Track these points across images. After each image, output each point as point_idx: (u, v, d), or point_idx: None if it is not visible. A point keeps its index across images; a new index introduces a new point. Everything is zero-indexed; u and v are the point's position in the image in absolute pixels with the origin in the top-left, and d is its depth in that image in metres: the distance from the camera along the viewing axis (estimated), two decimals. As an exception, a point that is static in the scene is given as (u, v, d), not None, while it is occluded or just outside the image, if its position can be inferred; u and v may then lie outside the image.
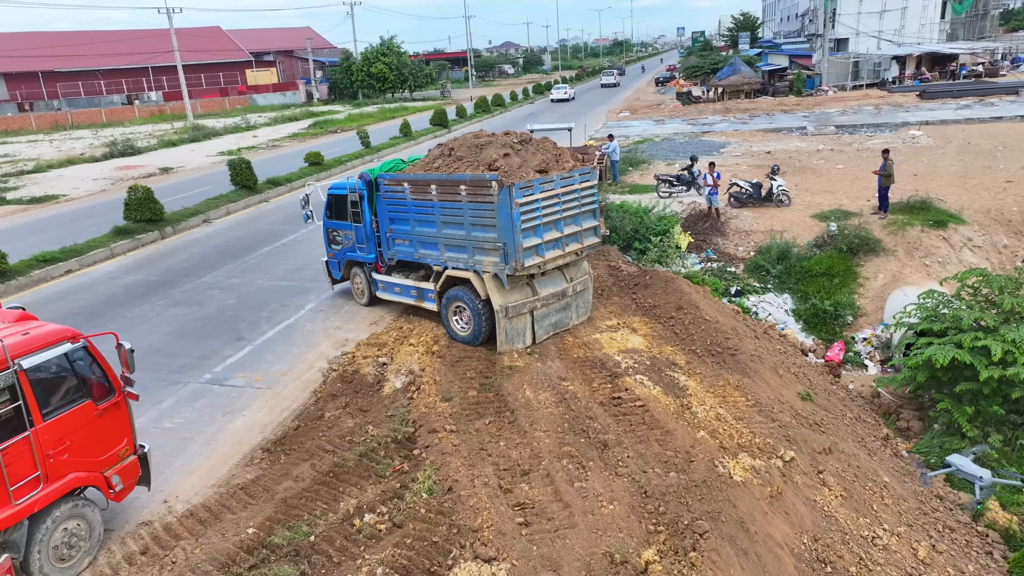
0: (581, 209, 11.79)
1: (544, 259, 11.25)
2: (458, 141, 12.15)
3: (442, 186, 11.48)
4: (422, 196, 11.94)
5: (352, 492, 8.30)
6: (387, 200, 12.78)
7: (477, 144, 11.62)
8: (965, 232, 17.45)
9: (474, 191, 10.92)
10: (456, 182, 11.19)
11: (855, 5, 59.01)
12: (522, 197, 10.57)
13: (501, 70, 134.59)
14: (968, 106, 38.53)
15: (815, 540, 7.97)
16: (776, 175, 20.46)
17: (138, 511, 8.27)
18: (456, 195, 11.24)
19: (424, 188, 11.83)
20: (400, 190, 12.36)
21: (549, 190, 11.08)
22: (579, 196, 11.68)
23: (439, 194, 11.56)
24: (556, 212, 11.29)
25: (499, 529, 7.32)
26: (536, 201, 10.84)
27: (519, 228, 10.65)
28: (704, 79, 61.57)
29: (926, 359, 11.46)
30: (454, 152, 11.86)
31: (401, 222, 12.68)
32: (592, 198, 12.01)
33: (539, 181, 10.88)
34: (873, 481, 9.45)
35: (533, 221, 10.91)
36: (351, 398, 10.60)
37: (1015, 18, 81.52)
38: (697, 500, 7.71)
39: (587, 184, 11.81)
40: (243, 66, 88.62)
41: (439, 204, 11.65)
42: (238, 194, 25.38)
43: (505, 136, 11.72)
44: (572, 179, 11.49)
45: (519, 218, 10.59)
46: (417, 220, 12.30)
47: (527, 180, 10.69)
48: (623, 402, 9.85)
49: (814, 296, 15.98)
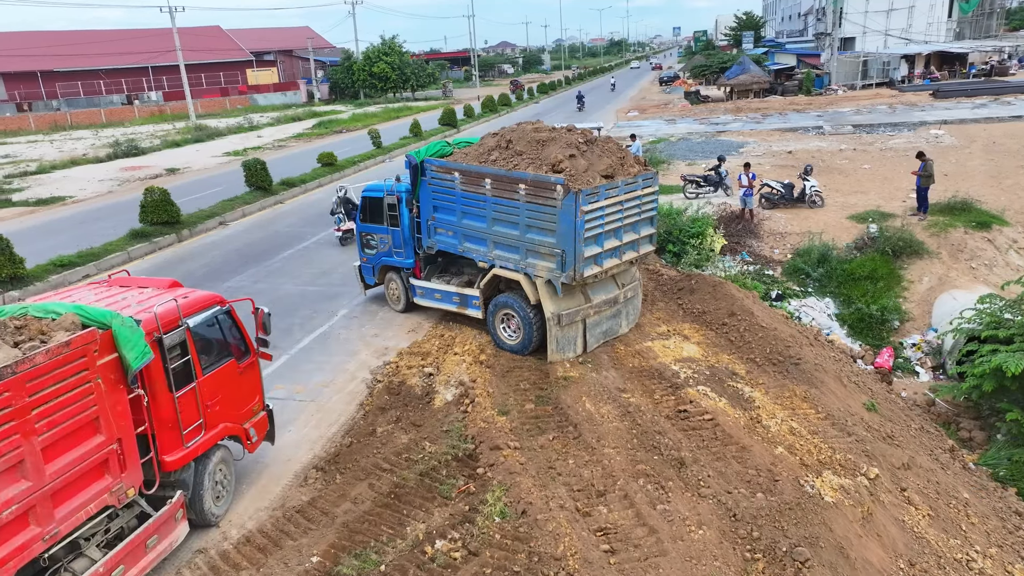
0: (640, 216, 11.21)
1: (603, 268, 10.70)
2: (515, 133, 11.44)
3: (499, 181, 10.79)
4: (474, 188, 11.24)
5: (418, 515, 7.80)
6: (433, 187, 12.04)
7: (538, 139, 10.92)
8: (1009, 234, 17.04)
9: (535, 192, 10.29)
10: (516, 180, 10.53)
11: (862, 4, 58.80)
12: (588, 204, 9.97)
13: (501, 70, 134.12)
14: (984, 105, 38.22)
15: (911, 565, 7.52)
16: (809, 175, 20.03)
17: (190, 537, 7.75)
18: (514, 193, 10.60)
19: (477, 180, 11.12)
20: (449, 179, 11.63)
21: (614, 196, 10.49)
22: (640, 203, 11.09)
23: (494, 189, 10.89)
24: (618, 220, 10.71)
25: (585, 558, 6.84)
26: (601, 209, 10.25)
27: (582, 237, 10.07)
28: (711, 78, 61.19)
29: (995, 367, 11.02)
30: (512, 145, 11.15)
31: (446, 212, 11.98)
32: (652, 205, 11.41)
33: (605, 187, 10.28)
34: (955, 498, 9.01)
35: (596, 230, 10.31)
36: (401, 411, 10.10)
37: (1015, 17, 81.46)
38: (792, 524, 7.24)
39: (649, 190, 11.21)
40: (243, 66, 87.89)
41: (493, 200, 10.98)
42: (253, 195, 24.83)
43: (568, 134, 11.10)
44: (636, 185, 10.89)
45: (583, 226, 10.00)
46: (465, 212, 11.61)
47: (593, 186, 10.10)
48: (690, 415, 9.38)
49: (858, 300, 15.53)
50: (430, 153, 12.25)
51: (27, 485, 5.56)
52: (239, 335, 8.19)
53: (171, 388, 7.01)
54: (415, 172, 12.23)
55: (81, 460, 6.02)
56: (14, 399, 5.39)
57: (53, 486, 5.77)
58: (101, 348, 6.19)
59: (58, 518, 5.84)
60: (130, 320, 6.58)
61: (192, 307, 7.46)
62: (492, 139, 11.80)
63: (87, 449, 6.08)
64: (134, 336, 6.44)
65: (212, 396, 7.62)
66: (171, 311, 7.15)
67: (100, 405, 6.17)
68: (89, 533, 6.33)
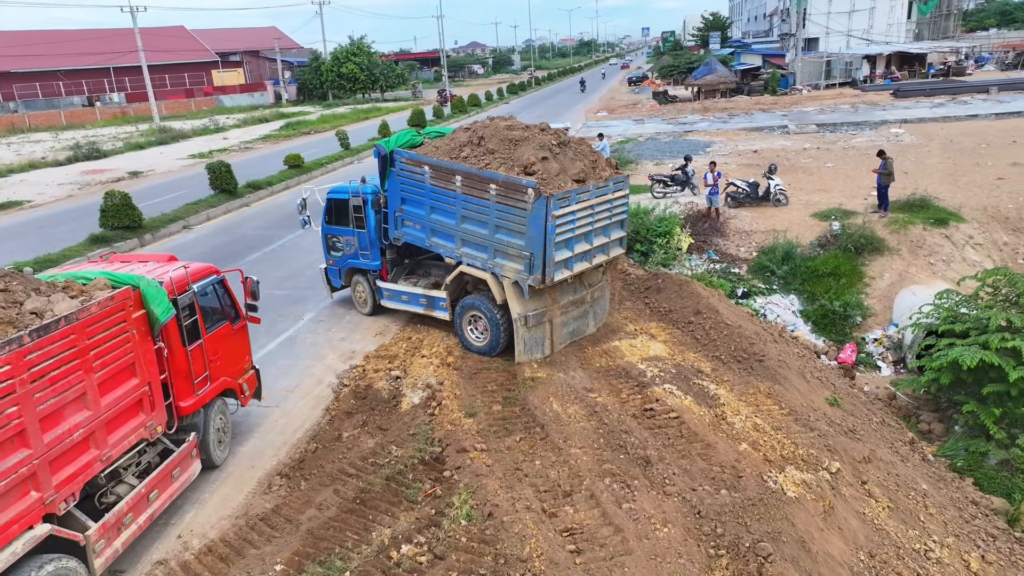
0: (611, 220, 11.18)
1: (573, 272, 10.66)
2: (488, 129, 11.29)
3: (470, 179, 10.66)
4: (444, 184, 11.09)
5: (384, 520, 7.74)
6: (402, 179, 11.85)
7: (511, 138, 10.80)
8: (966, 230, 17.46)
9: (506, 193, 10.20)
10: (487, 179, 10.41)
11: (825, 5, 59.83)
12: (559, 209, 9.92)
13: (471, 70, 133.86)
14: (942, 104, 39.14)
15: (871, 556, 7.65)
16: (773, 174, 20.30)
17: (148, 548, 7.60)
18: (484, 193, 10.48)
19: (448, 177, 10.98)
20: (419, 172, 11.44)
21: (585, 201, 10.45)
22: (611, 206, 11.07)
23: (464, 187, 10.75)
24: (589, 224, 10.67)
25: (551, 559, 6.84)
26: (572, 213, 10.21)
27: (553, 241, 10.02)
28: (679, 78, 61.78)
29: (951, 360, 11.27)
30: (484, 142, 11.00)
31: (415, 204, 11.80)
32: (622, 208, 11.39)
33: (576, 192, 10.25)
34: (914, 489, 9.19)
35: (567, 234, 10.26)
36: (368, 415, 10.01)
37: (971, 19, 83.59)
38: (755, 520, 7.33)
39: (620, 194, 11.19)
40: (209, 66, 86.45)
41: (463, 197, 10.85)
42: (218, 198, 24.43)
43: (542, 134, 10.98)
44: (607, 189, 10.87)
45: (554, 231, 9.96)
46: (434, 207, 11.47)
47: (565, 190, 10.06)
48: (656, 414, 9.45)
49: (821, 297, 15.80)
50: (400, 143, 12.06)
51: (89, 414, 6.68)
52: (231, 301, 9.38)
53: (184, 343, 8.17)
54: (384, 162, 12.02)
55: (124, 398, 7.16)
56: (78, 340, 6.51)
57: (106, 416, 6.90)
58: (134, 304, 7.33)
59: (110, 444, 6.99)
60: (154, 281, 7.71)
61: (197, 275, 8.67)
62: (464, 134, 11.64)
63: (127, 389, 7.22)
64: (159, 294, 7.61)
65: (214, 353, 8.76)
66: (182, 277, 8.33)
67: (135, 352, 7.31)
68: (127, 464, 7.47)
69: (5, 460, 5.74)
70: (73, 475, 6.46)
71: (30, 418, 5.95)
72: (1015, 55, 57.70)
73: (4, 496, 5.73)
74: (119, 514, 6.93)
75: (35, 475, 6.03)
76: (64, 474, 6.37)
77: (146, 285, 7.52)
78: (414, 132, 12.64)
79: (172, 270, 8.34)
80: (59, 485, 6.29)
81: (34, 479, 6.03)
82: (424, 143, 12.28)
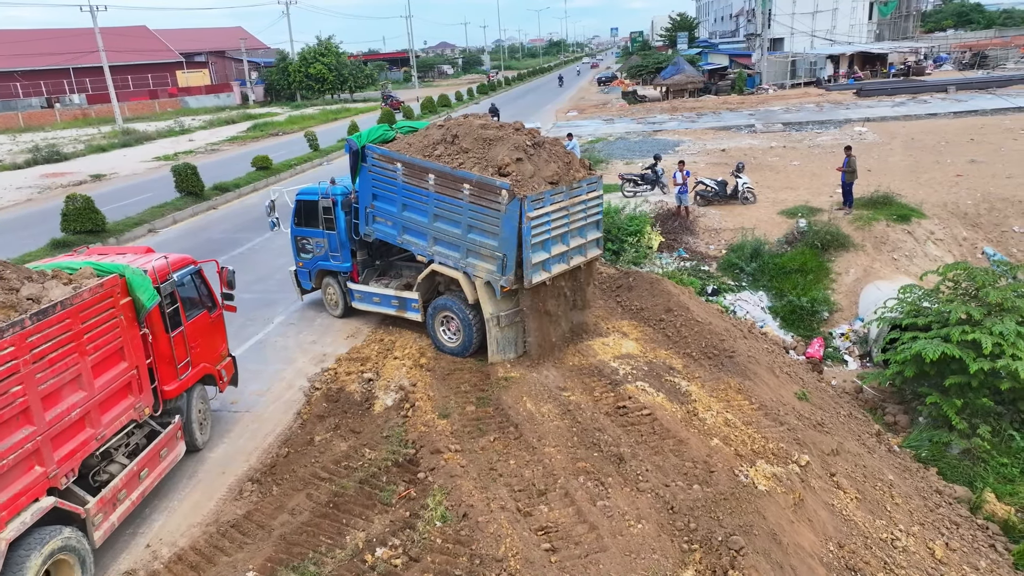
0: (586, 221, 11.19)
1: (551, 274, 10.65)
2: (463, 128, 11.20)
3: (443, 178, 10.57)
4: (417, 182, 10.98)
5: (358, 524, 7.68)
6: (373, 175, 11.70)
7: (485, 137, 10.73)
8: (927, 226, 17.87)
9: (480, 194, 10.16)
10: (460, 179, 10.34)
11: (789, 6, 60.82)
12: (533, 211, 9.92)
13: (440, 70, 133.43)
14: (903, 103, 40.02)
15: (840, 547, 7.79)
16: (741, 173, 20.57)
17: (116, 558, 7.45)
18: (458, 192, 10.42)
19: (421, 175, 10.88)
20: (391, 168, 11.31)
21: (559, 202, 10.46)
22: (585, 207, 11.08)
23: (437, 185, 10.67)
24: (564, 225, 10.67)
25: (526, 558, 6.85)
26: (547, 214, 10.21)
27: (530, 244, 10.01)
28: (648, 78, 62.30)
29: (915, 353, 11.53)
30: (458, 141, 10.91)
31: (387, 201, 11.67)
32: (597, 209, 11.41)
33: (550, 193, 10.27)
34: (880, 480, 9.39)
35: (543, 235, 10.26)
36: (340, 418, 9.93)
37: (929, 20, 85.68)
38: (727, 514, 7.42)
39: (594, 195, 11.21)
40: (173, 67, 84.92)
41: (436, 196, 10.76)
42: (184, 201, 24.02)
43: (516, 134, 10.94)
44: (580, 190, 10.90)
45: (530, 233, 9.95)
46: (406, 205, 11.36)
47: (539, 192, 10.06)
48: (629, 411, 9.51)
49: (789, 293, 16.04)
50: (372, 138, 11.93)
51: (84, 394, 7.04)
52: (208, 291, 9.75)
53: (167, 330, 8.52)
54: (355, 157, 11.88)
55: (114, 380, 7.51)
56: (73, 325, 6.86)
57: (99, 397, 7.24)
58: (121, 291, 7.67)
59: (104, 423, 7.33)
60: (139, 270, 8.04)
61: (176, 265, 9.01)
62: (438, 131, 11.53)
63: (117, 372, 7.57)
64: (145, 282, 7.97)
65: (194, 340, 9.09)
66: (164, 267, 8.68)
67: (123, 338, 7.66)
68: (118, 445, 7.81)
69: (12, 436, 6.15)
70: (72, 452, 6.86)
71: (33, 397, 6.34)
72: (972, 55, 59.24)
73: (12, 469, 6.11)
74: (115, 490, 7.33)
75: (39, 451, 6.41)
76: (64, 451, 6.75)
77: (131, 273, 7.89)
78: (386, 127, 12.52)
79: (153, 260, 8.69)
80: (60, 461, 6.66)
81: (38, 455, 6.42)
82: (396, 138, 12.17)
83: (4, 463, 5.99)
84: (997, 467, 10.69)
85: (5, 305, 6.42)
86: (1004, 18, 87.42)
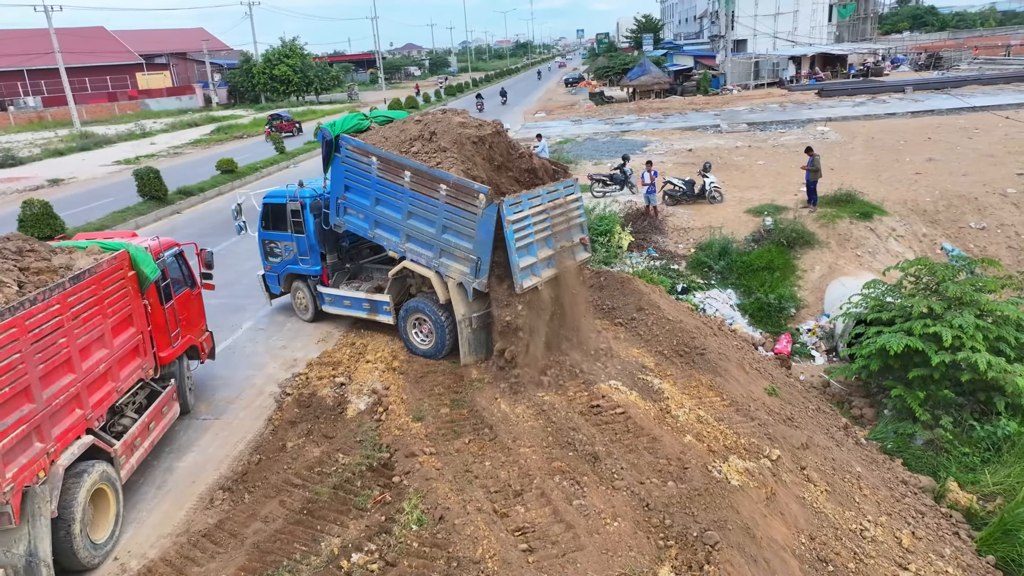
0: (569, 224, 11.17)
1: (541, 279, 10.56)
2: (441, 124, 11.01)
3: (420, 176, 10.39)
4: (392, 178, 10.78)
5: (332, 530, 7.59)
6: (347, 166, 11.44)
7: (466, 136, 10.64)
8: (889, 223, 18.30)
9: (457, 195, 10.04)
10: (437, 179, 10.19)
11: (752, 7, 61.77)
12: (513, 214, 9.88)
13: (407, 72, 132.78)
14: (863, 103, 40.94)
15: (812, 539, 7.93)
16: (708, 172, 20.84)
17: (83, 572, 7.24)
18: (434, 192, 10.27)
19: (397, 171, 10.66)
20: (366, 162, 11.08)
21: (537, 205, 10.43)
22: (566, 210, 11.06)
23: (413, 183, 10.49)
24: (547, 228, 10.63)
25: (503, 559, 6.83)
26: (527, 217, 10.18)
27: (514, 248, 9.93)
28: (614, 79, 62.77)
29: (880, 347, 11.80)
30: (436, 139, 10.71)
31: (360, 194, 11.44)
32: (578, 211, 11.40)
33: (527, 196, 10.25)
34: (849, 472, 9.58)
35: (526, 239, 10.20)
36: (313, 424, 9.80)
37: (886, 22, 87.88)
38: (702, 509, 7.49)
39: (572, 197, 11.20)
40: (133, 69, 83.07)
41: (411, 193, 10.58)
42: (147, 206, 23.53)
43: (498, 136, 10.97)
44: (557, 192, 10.88)
45: (512, 236, 9.89)
46: (379, 199, 11.14)
47: (516, 195, 10.04)
48: (603, 410, 9.54)
49: (757, 290, 16.31)
50: (346, 128, 11.67)
51: (107, 351, 8.05)
52: (189, 271, 10.68)
53: (162, 302, 9.51)
54: (328, 147, 11.59)
55: (127, 342, 8.57)
56: (97, 290, 7.92)
57: (117, 355, 8.27)
58: (127, 265, 8.66)
59: (121, 378, 8.39)
60: (141, 247, 9.02)
61: (165, 246, 9.98)
62: (415, 126, 11.29)
63: (128, 335, 8.62)
64: (147, 257, 8.95)
65: (181, 313, 10.03)
66: (156, 246, 9.69)
67: (131, 306, 8.70)
68: (126, 403, 8.73)
69: (60, 380, 7.18)
70: (100, 400, 7.92)
71: (73, 349, 7.36)
72: (927, 57, 60.90)
73: (62, 409, 7.15)
74: (132, 436, 8.31)
75: (79, 396, 7.45)
76: (95, 398, 7.80)
77: (135, 250, 8.84)
78: (361, 116, 12.27)
79: (147, 241, 9.67)
80: (94, 406, 7.74)
81: (78, 399, 7.45)
82: (371, 128, 11.95)
83: (56, 403, 7.03)
84: (959, 457, 10.97)
85: (46, 270, 7.62)
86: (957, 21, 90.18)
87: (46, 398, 6.90)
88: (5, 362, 6.36)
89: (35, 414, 6.72)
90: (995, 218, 19.11)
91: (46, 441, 6.86)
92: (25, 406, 6.63)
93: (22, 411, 6.57)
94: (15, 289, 6.96)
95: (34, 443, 6.73)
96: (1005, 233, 18.64)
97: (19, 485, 6.40)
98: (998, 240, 18.45)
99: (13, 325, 6.47)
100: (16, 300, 6.69)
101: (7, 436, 6.34)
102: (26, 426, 6.59)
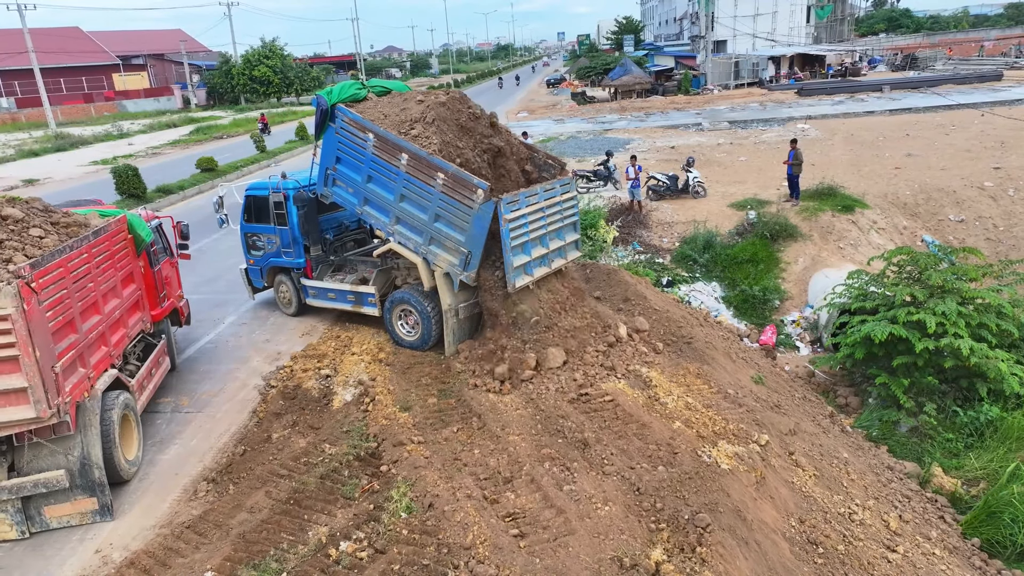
0: (563, 222, 11.11)
1: (534, 278, 10.49)
2: (443, 109, 10.79)
3: (417, 161, 10.13)
4: (387, 158, 10.48)
5: (320, 519, 7.47)
6: (340, 137, 11.09)
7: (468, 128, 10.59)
8: (870, 216, 18.48)
9: (454, 187, 9.87)
10: (436, 167, 9.97)
11: (731, 8, 62.30)
12: (510, 212, 9.78)
13: (388, 73, 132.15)
14: (842, 102, 41.42)
15: (801, 522, 7.95)
16: (691, 167, 20.93)
17: (63, 565, 7.07)
18: (431, 179, 10.06)
19: (394, 152, 10.37)
20: (362, 137, 10.76)
21: (533, 204, 10.34)
22: (561, 208, 11.00)
23: (409, 167, 10.23)
24: (542, 227, 10.54)
25: (494, 544, 6.76)
26: (523, 216, 10.09)
27: (509, 246, 9.85)
28: (596, 80, 62.97)
29: (864, 336, 11.88)
30: (436, 125, 10.53)
31: (351, 168, 11.12)
32: (573, 210, 11.34)
33: (524, 194, 10.18)
34: (836, 458, 9.63)
35: (522, 238, 10.11)
36: (298, 415, 9.67)
37: (863, 24, 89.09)
38: (693, 493, 7.47)
39: (567, 196, 11.14)
40: (109, 70, 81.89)
41: (405, 175, 10.32)
42: (125, 204, 23.08)
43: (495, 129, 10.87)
44: (554, 191, 10.82)
45: (508, 235, 9.80)
46: (372, 177, 10.85)
47: (513, 193, 9.96)
48: (591, 398, 9.51)
49: (742, 282, 16.38)
50: (343, 97, 11.34)
51: (119, 301, 9.07)
52: (167, 243, 11.63)
53: (152, 265, 10.47)
54: (323, 116, 11.23)
55: (130, 296, 9.53)
56: (109, 247, 8.93)
57: (126, 305, 9.29)
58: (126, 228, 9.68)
59: (130, 326, 9.41)
60: (136, 214, 10.17)
61: (149, 217, 11.07)
62: (417, 107, 10.99)
63: (132, 290, 9.63)
64: (142, 223, 9.97)
65: (165, 278, 10.97)
66: (147, 215, 11.01)
67: (131, 265, 9.67)
68: (129, 352, 9.64)
69: (91, 319, 8.26)
70: (117, 342, 8.91)
71: (98, 293, 8.43)
72: (903, 57, 61.75)
73: (94, 343, 8.26)
74: (141, 378, 9.35)
75: (104, 335, 8.51)
76: (114, 339, 8.81)
77: (132, 216, 9.90)
78: (359, 84, 11.96)
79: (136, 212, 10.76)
80: (114, 345, 8.78)
81: (103, 338, 8.51)
82: (368, 98, 11.68)
83: (91, 336, 8.14)
84: (943, 443, 11.07)
85: (72, 224, 8.53)
86: (931, 23, 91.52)
87: (84, 330, 8.01)
88: (58, 295, 7.49)
89: (79, 343, 7.86)
90: (973, 211, 19.38)
91: (87, 367, 8.02)
92: (71, 335, 7.77)
93: (70, 339, 7.73)
94: (56, 238, 8.04)
95: (78, 368, 7.85)
96: (983, 225, 18.91)
97: (74, 399, 7.59)
98: (976, 232, 18.71)
99: (60, 265, 7.58)
100: (59, 245, 7.75)
101: (64, 357, 7.47)
102: (74, 352, 7.72)
